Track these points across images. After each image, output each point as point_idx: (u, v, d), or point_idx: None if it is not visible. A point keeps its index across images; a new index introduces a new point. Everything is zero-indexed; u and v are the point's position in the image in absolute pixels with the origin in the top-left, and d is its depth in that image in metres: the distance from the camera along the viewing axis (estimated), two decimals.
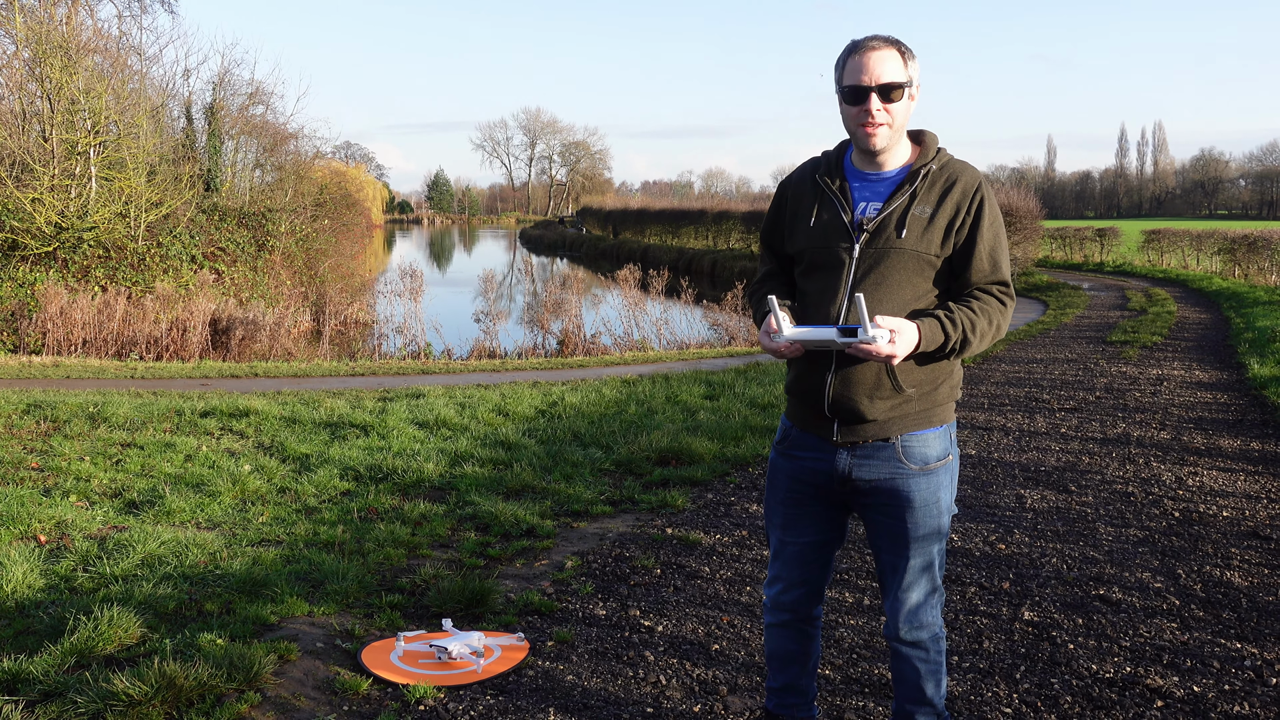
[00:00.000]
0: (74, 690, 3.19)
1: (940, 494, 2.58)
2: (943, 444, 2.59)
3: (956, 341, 2.43)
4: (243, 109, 26.97)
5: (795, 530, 2.72)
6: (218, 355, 16.06)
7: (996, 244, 2.51)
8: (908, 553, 2.59)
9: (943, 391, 2.57)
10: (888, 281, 2.47)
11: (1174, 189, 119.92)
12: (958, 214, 2.49)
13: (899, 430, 2.53)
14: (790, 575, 2.76)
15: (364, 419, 7.78)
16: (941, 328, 2.40)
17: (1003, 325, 2.52)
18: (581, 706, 3.30)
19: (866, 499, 2.60)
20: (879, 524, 2.62)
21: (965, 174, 2.53)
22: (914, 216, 2.47)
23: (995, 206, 2.53)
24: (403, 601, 4.17)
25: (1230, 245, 26.33)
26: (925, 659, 2.67)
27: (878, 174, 2.55)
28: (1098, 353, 12.46)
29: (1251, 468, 6.49)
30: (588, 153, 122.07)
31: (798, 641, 2.84)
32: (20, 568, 4.33)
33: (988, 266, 2.51)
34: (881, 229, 2.48)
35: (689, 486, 6.06)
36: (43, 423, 7.71)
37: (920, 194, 2.49)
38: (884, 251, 2.47)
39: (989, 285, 2.52)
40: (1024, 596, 4.26)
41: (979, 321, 2.44)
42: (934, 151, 2.55)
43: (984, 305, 2.47)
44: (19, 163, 18.24)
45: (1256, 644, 3.78)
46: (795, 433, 2.68)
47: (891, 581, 2.64)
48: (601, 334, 17.82)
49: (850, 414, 2.51)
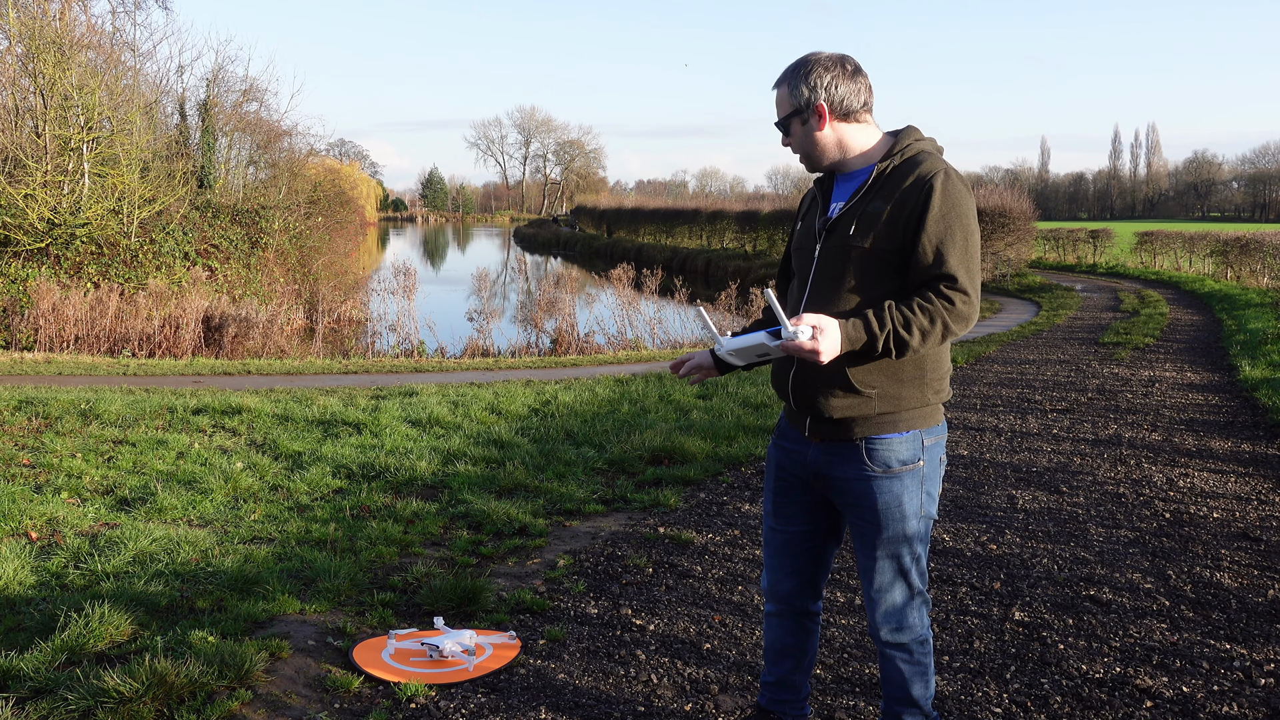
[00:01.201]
0: (65, 687, 3.18)
1: (904, 498, 2.55)
2: (911, 450, 2.54)
3: (887, 340, 2.35)
4: (236, 106, 26.90)
5: (783, 518, 2.77)
6: (210, 352, 16.03)
7: (946, 236, 2.38)
8: (875, 553, 2.61)
9: (909, 395, 2.51)
10: (845, 280, 2.46)
11: (1167, 191, 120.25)
12: (904, 206, 2.42)
13: (863, 432, 2.53)
14: (781, 564, 2.81)
15: (357, 417, 7.77)
16: (865, 326, 2.34)
17: (950, 324, 2.37)
18: (573, 705, 3.30)
19: (837, 496, 2.64)
20: (850, 523, 2.67)
21: (923, 166, 2.45)
22: (867, 213, 2.46)
23: (953, 198, 2.40)
24: (395, 599, 4.17)
25: (1223, 247, 26.42)
26: (910, 660, 2.69)
27: (849, 175, 2.60)
28: (1090, 354, 12.50)
29: (1242, 469, 6.52)
30: (582, 151, 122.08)
31: (793, 635, 2.87)
32: (11, 564, 4.32)
33: (930, 259, 2.39)
34: (836, 228, 2.51)
35: (681, 486, 6.06)
36: (34, 419, 7.69)
37: (876, 191, 2.49)
38: (839, 250, 2.49)
39: (933, 280, 2.40)
40: (1015, 597, 4.28)
41: (915, 319, 2.35)
42: (901, 147, 2.53)
43: (924, 303, 2.37)
44: (11, 158, 18.16)
45: (1245, 645, 3.80)
46: (784, 423, 2.77)
47: (864, 581, 2.68)
48: (595, 333, 17.81)
49: (812, 410, 2.55)
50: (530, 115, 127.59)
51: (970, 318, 2.42)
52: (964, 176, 2.50)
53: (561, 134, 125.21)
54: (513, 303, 26.41)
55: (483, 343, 16.72)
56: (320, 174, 31.90)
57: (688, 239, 46.93)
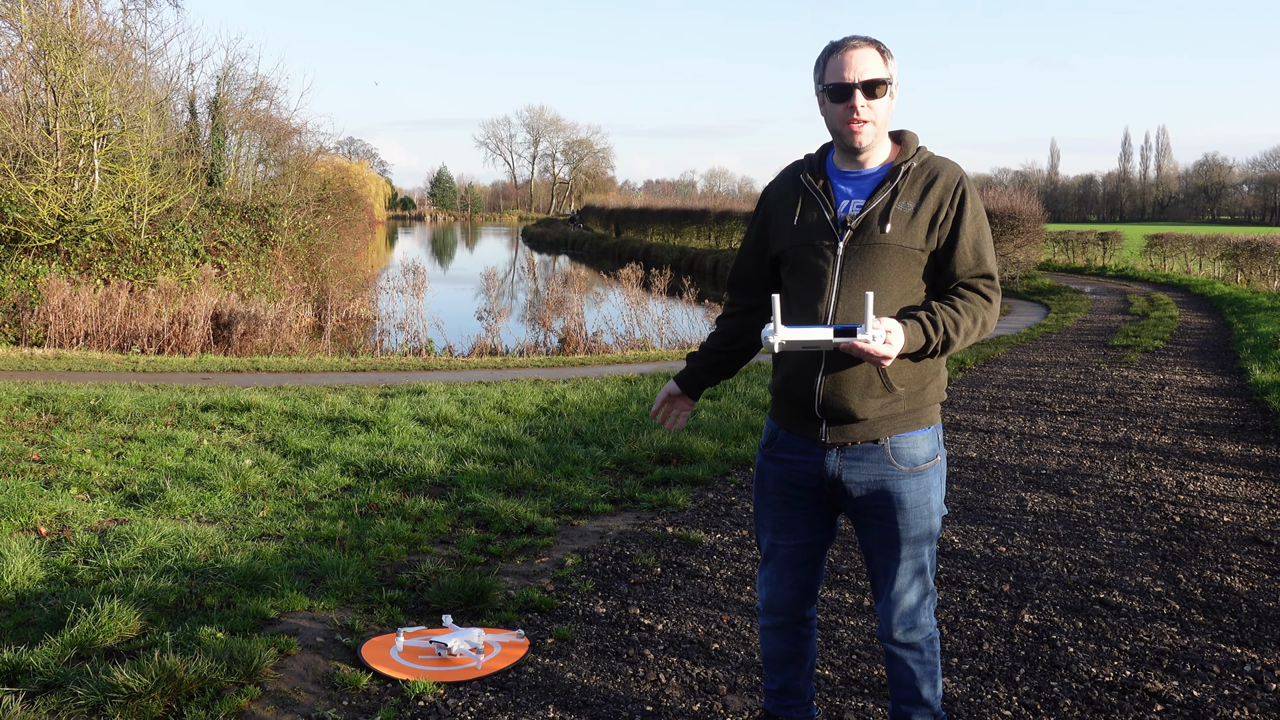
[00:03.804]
0: (74, 682, 3.19)
1: (931, 495, 2.56)
2: (931, 445, 2.57)
3: (939, 343, 2.40)
4: (246, 104, 26.98)
5: (787, 533, 2.69)
6: (219, 349, 16.07)
7: (980, 237, 2.50)
8: (899, 554, 2.58)
9: (930, 392, 2.55)
10: (874, 278, 2.45)
11: (1177, 194, 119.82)
12: (940, 208, 2.47)
13: (888, 431, 2.51)
14: (783, 578, 2.74)
15: (365, 415, 7.78)
16: (923, 329, 2.38)
17: (989, 321, 2.50)
18: (581, 704, 3.30)
19: (857, 501, 2.58)
20: (871, 527, 2.60)
21: (946, 169, 2.52)
22: (897, 212, 2.47)
23: (978, 200, 2.52)
24: (403, 597, 4.17)
25: (1233, 250, 26.33)
26: (921, 660, 2.67)
27: (859, 172, 2.55)
28: (1099, 356, 12.45)
29: (1252, 473, 6.49)
30: (591, 151, 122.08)
31: (793, 643, 2.83)
32: (21, 559, 4.33)
33: (972, 260, 2.49)
34: (865, 225, 2.48)
35: (690, 485, 6.06)
36: (44, 415, 7.71)
37: (902, 190, 2.48)
38: (868, 247, 2.46)
39: (974, 279, 2.50)
40: (1024, 599, 4.26)
41: (962, 320, 2.43)
42: (914, 149, 2.55)
43: (967, 303, 2.45)
44: (22, 155, 18.24)
45: (1256, 649, 3.78)
46: (782, 435, 2.65)
47: (884, 584, 2.63)
48: (603, 332, 17.82)
49: (840, 414, 2.49)
50: (539, 114, 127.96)
51: (998, 314, 2.54)
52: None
53: (570, 133, 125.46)
54: (521, 302, 26.45)
55: (491, 341, 16.74)
56: (329, 172, 32.01)
57: (696, 239, 46.91)
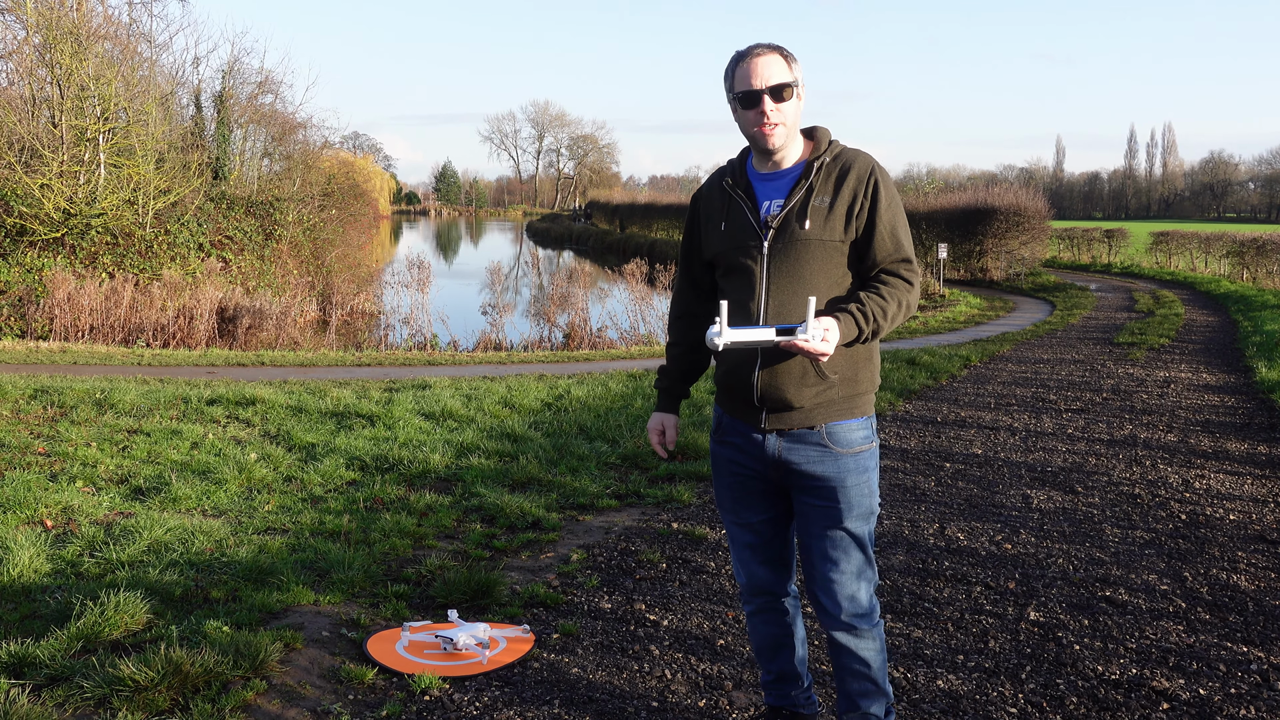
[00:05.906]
0: (80, 675, 3.20)
1: (869, 475, 2.65)
2: (865, 433, 2.65)
3: (870, 332, 2.50)
4: (251, 98, 26.95)
5: (746, 511, 2.79)
6: (224, 343, 16.09)
7: (896, 223, 2.58)
8: (838, 535, 2.63)
9: (863, 379, 2.63)
10: (800, 273, 2.54)
11: (1183, 191, 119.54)
12: (855, 199, 2.55)
13: (823, 419, 2.60)
14: (753, 555, 2.82)
15: (370, 409, 7.79)
16: (855, 322, 2.46)
17: (911, 303, 2.58)
18: (586, 699, 3.30)
19: (800, 481, 2.64)
20: (813, 507, 2.65)
21: (859, 161, 2.60)
22: (814, 208, 2.55)
23: (891, 187, 2.60)
24: (408, 592, 4.17)
25: (1239, 248, 26.26)
26: (870, 642, 2.69)
27: (776, 173, 2.63)
28: (1105, 354, 12.43)
29: (1259, 471, 6.47)
30: (595, 146, 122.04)
31: (780, 624, 2.88)
32: (27, 552, 4.34)
33: (890, 246, 2.57)
34: (785, 224, 2.56)
35: (695, 481, 6.06)
36: (50, 408, 7.72)
37: (817, 185, 2.57)
38: (791, 245, 2.55)
39: (894, 265, 2.58)
40: (1030, 597, 4.26)
41: (889, 306, 2.52)
42: (826, 144, 2.62)
43: (891, 289, 2.54)
44: (28, 148, 18.25)
45: (1263, 648, 3.77)
46: (727, 420, 2.78)
47: (826, 566, 2.65)
48: (608, 328, 17.81)
49: (778, 403, 2.58)
50: (544, 110, 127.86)
51: (919, 294, 2.64)
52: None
53: (575, 129, 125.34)
54: (525, 297, 26.42)
55: (495, 337, 16.74)
56: (334, 167, 31.99)
57: None
